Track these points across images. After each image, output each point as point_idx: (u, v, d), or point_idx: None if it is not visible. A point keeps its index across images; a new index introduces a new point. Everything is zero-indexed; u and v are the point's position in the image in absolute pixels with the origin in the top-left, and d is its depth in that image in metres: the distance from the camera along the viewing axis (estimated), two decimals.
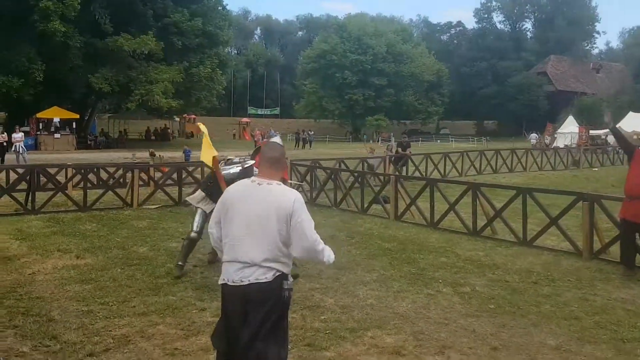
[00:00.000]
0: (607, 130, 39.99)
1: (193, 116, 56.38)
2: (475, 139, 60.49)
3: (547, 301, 5.65)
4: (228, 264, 3.21)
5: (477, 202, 9.07)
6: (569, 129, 42.17)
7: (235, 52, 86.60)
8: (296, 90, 76.81)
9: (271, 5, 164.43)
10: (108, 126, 46.19)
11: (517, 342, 4.55)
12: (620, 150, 28.86)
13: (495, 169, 21.35)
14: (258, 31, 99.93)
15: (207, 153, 5.96)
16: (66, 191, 11.10)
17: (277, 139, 5.90)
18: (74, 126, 34.44)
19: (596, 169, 23.97)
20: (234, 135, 59.96)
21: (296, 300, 5.11)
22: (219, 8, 41.23)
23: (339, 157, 18.30)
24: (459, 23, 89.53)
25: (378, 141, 52.29)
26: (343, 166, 15.66)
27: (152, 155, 19.19)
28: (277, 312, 3.17)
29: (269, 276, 3.11)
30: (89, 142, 35.10)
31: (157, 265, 6.89)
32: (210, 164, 6.04)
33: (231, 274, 3.17)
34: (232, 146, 42.05)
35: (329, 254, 3.26)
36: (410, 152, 18.62)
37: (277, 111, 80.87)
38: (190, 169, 13.37)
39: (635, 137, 31.08)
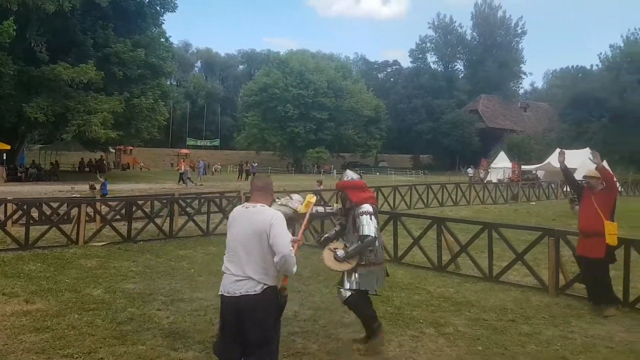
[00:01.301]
0: (537, 165, 42.46)
1: (130, 147, 54.75)
2: (413, 172, 62.19)
3: (531, 340, 5.63)
4: (225, 277, 3.71)
5: (442, 236, 9.11)
6: (501, 164, 44.16)
7: (175, 83, 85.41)
8: (237, 122, 76.46)
9: (212, 39, 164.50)
10: (39, 157, 43.77)
11: None
12: (552, 185, 30.49)
13: (442, 202, 21.84)
14: (198, 64, 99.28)
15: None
16: (5, 228, 10.21)
17: (353, 175, 5.60)
18: (4, 157, 32.36)
19: (534, 203, 25.03)
20: (172, 164, 58.70)
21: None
22: (162, 40, 40.58)
23: (291, 189, 18.06)
24: (395, 62, 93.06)
25: (321, 173, 52.66)
26: None
27: (93, 188, 18.19)
28: (270, 319, 3.65)
29: (257, 289, 3.58)
30: (19, 174, 32.99)
31: (117, 310, 6.37)
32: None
33: (227, 286, 3.66)
34: (170, 177, 40.90)
35: (294, 266, 3.71)
36: None
37: (217, 142, 80.00)
38: (140, 202, 12.75)
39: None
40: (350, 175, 5.57)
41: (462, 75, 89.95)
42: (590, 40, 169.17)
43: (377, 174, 58.62)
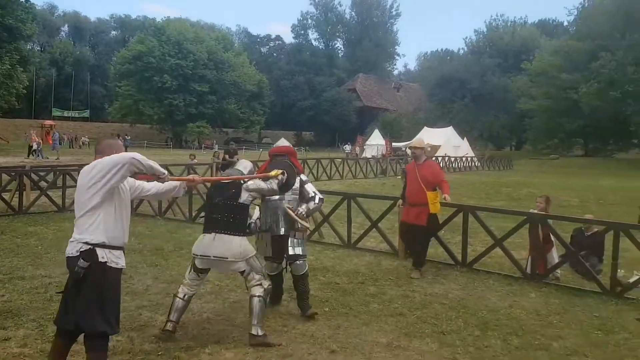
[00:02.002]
0: (406, 142, 44.94)
1: None
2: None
3: (374, 300, 6.01)
4: None
5: None
6: (375, 141, 46.26)
7: (39, 48, 77.64)
8: (109, 92, 71.62)
9: (80, 2, 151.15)
10: None
11: (352, 343, 4.72)
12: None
13: (317, 176, 22.41)
14: (66, 28, 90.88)
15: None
16: None
17: (284, 142, 5.86)
18: None
19: (400, 177, 26.52)
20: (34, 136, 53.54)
21: (121, 321, 4.58)
22: (21, 0, 36.72)
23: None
24: (278, 37, 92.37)
25: (202, 148, 51.39)
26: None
27: None
28: (94, 285, 3.39)
29: (73, 251, 3.41)
30: None
31: None
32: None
33: None
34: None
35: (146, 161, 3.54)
36: (237, 160, 18.51)
37: (86, 114, 74.26)
38: None
39: (429, 148, 35.25)
40: (287, 142, 5.72)
41: (341, 53, 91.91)
42: (461, 25, 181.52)
43: (261, 150, 58.48)
